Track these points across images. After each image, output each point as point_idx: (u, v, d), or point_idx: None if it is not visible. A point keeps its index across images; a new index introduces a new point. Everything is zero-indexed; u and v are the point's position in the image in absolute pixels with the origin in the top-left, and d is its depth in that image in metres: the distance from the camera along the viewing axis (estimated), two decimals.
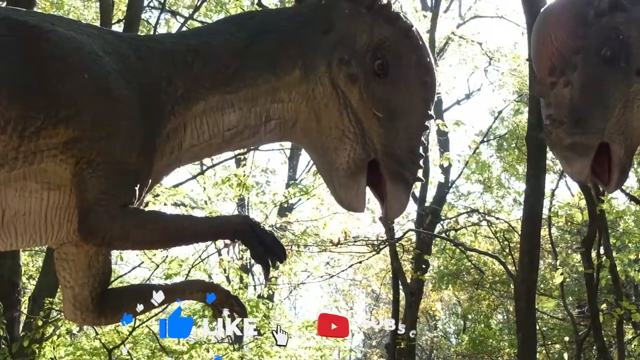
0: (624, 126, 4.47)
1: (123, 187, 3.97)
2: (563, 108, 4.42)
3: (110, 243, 4.03)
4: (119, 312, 4.65)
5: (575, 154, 4.41)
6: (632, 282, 24.56)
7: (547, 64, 4.54)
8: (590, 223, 16.28)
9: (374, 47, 4.46)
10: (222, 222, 4.33)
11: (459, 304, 34.58)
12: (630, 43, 4.51)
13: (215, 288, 4.93)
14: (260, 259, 4.17)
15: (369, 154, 4.40)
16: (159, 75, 4.19)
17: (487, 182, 27.25)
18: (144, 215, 4.18)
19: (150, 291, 4.84)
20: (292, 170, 30.81)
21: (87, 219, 3.92)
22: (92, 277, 4.47)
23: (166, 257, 15.77)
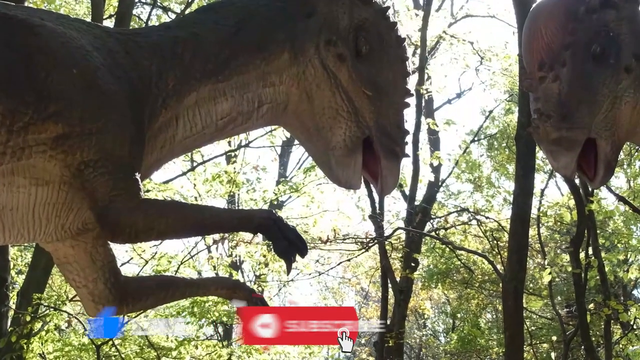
0: (611, 122, 4.51)
1: (129, 179, 3.97)
2: (551, 102, 4.47)
3: (137, 236, 4.05)
4: (140, 300, 4.67)
5: (561, 148, 4.46)
6: (621, 283, 24.58)
7: (537, 59, 4.60)
8: (578, 223, 16.30)
9: (355, 28, 4.58)
10: (246, 215, 4.41)
11: (448, 302, 34.60)
12: (620, 40, 4.55)
13: (240, 286, 4.97)
14: (284, 253, 4.25)
15: (363, 132, 4.50)
16: (149, 69, 4.18)
17: (477, 181, 27.26)
18: (164, 205, 4.23)
19: (174, 282, 4.89)
20: (282, 167, 30.81)
21: (108, 218, 3.93)
22: (100, 270, 4.49)
23: (155, 254, 15.76)
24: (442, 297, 35.43)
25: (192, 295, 5.08)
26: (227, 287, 4.93)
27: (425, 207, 21.94)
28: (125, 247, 16.29)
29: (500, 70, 22.99)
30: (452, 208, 26.00)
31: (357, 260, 31.50)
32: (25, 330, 13.48)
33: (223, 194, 17.93)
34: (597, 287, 19.95)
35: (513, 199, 13.96)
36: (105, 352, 16.62)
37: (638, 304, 18.62)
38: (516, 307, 13.26)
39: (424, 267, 28.60)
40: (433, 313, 38.41)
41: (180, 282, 4.91)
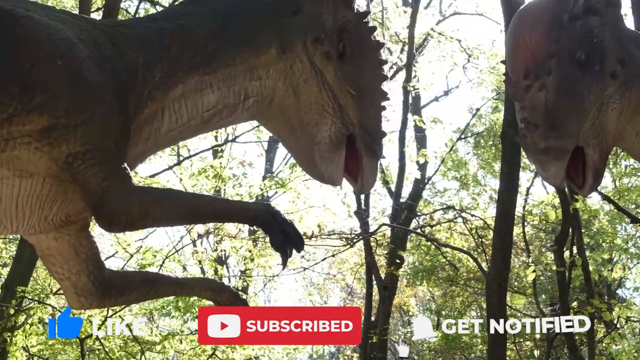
0: (599, 130, 4.46)
1: (119, 169, 3.96)
2: (538, 112, 4.43)
3: (133, 223, 4.02)
4: (123, 294, 4.67)
5: (550, 157, 4.42)
6: (605, 282, 24.66)
7: (522, 67, 4.55)
8: (563, 221, 16.36)
9: (338, 29, 4.59)
10: (243, 206, 4.45)
11: (433, 300, 34.62)
12: (605, 46, 4.52)
13: (225, 289, 4.98)
14: (280, 247, 4.27)
15: (348, 129, 4.52)
16: (135, 61, 4.16)
17: (464, 179, 27.29)
18: (158, 192, 4.24)
19: (159, 279, 4.89)
20: (269, 162, 30.79)
21: (103, 208, 3.92)
22: (84, 262, 4.48)
23: (140, 247, 15.75)
24: (427, 295, 35.48)
25: (175, 294, 5.10)
26: (212, 289, 4.94)
27: (411, 204, 21.99)
28: (111, 240, 16.29)
29: (487, 69, 23.01)
30: (438, 205, 26.08)
31: (342, 256, 31.54)
32: (9, 324, 13.46)
33: (209, 188, 17.91)
34: (582, 286, 20.02)
35: (498, 196, 14.03)
36: (89, 346, 16.61)
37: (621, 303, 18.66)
38: (500, 304, 13.32)
39: (409, 264, 28.65)
40: (418, 310, 38.44)
41: (165, 279, 4.90)
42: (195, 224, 7.41)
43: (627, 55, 4.58)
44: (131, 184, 3.99)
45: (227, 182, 18.50)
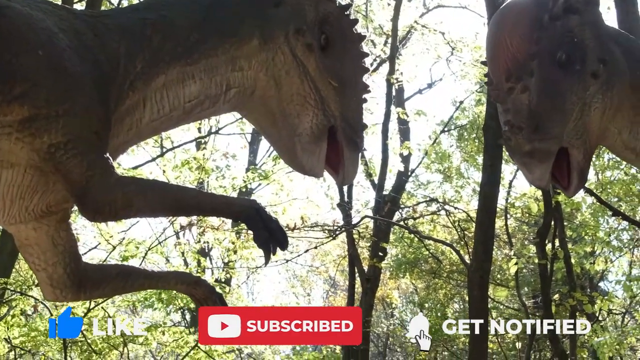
0: (582, 130, 4.49)
1: (102, 159, 3.96)
2: (521, 114, 4.44)
3: (117, 214, 4.02)
4: (98, 287, 4.67)
5: (535, 160, 4.44)
6: (588, 275, 24.74)
7: (504, 70, 4.57)
8: (545, 214, 16.41)
9: (320, 21, 4.62)
10: (228, 201, 4.40)
11: (416, 292, 34.65)
12: (585, 45, 4.54)
13: (201, 283, 4.98)
14: (264, 243, 4.26)
15: (329, 120, 4.54)
16: (117, 51, 4.15)
17: (447, 171, 27.33)
18: (142, 182, 4.22)
19: (134, 273, 4.89)
20: (252, 155, 30.76)
21: (87, 198, 3.92)
22: (61, 254, 4.48)
23: (123, 239, 15.71)
24: (410, 287, 35.53)
25: (151, 287, 5.09)
26: (187, 283, 4.95)
27: (394, 196, 21.99)
28: (93, 232, 16.25)
29: (471, 61, 23.03)
30: (421, 198, 26.08)
31: (325, 248, 31.54)
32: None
33: (192, 180, 17.87)
34: (564, 278, 20.09)
35: (480, 189, 14.05)
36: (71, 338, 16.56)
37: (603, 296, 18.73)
38: (482, 296, 13.35)
39: (392, 257, 28.67)
40: (401, 302, 38.49)
41: (141, 273, 4.90)
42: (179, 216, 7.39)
43: (608, 54, 4.59)
44: (115, 174, 3.98)
45: (210, 174, 18.46)
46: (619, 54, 4.66)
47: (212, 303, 4.99)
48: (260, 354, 27.76)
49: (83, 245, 18.74)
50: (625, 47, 4.78)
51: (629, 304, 25.96)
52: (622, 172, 21.74)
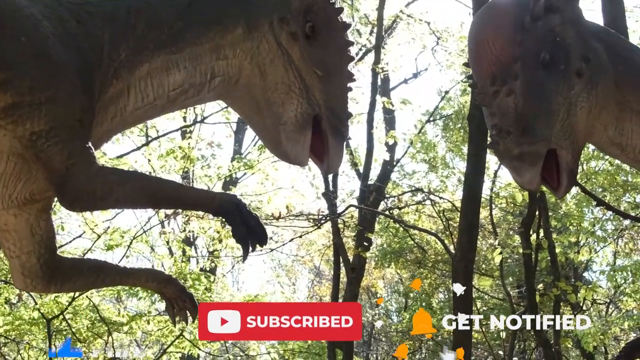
0: (569, 130, 4.49)
1: (84, 148, 3.95)
2: (508, 117, 4.44)
3: (95, 203, 4.02)
4: (69, 280, 4.68)
5: (524, 163, 4.44)
6: (572, 265, 24.80)
7: (488, 73, 4.56)
8: (530, 204, 16.46)
9: (305, 10, 4.62)
10: (209, 195, 4.37)
11: (401, 282, 34.70)
12: (567, 44, 4.54)
13: (172, 282, 4.98)
14: (242, 239, 4.24)
15: (314, 109, 4.56)
16: (101, 38, 4.14)
17: (432, 161, 27.33)
18: (123, 173, 4.22)
19: (106, 268, 4.89)
20: (237, 144, 30.71)
21: (66, 186, 3.91)
22: (37, 244, 4.49)
23: (108, 228, 15.69)
24: (395, 277, 35.57)
25: (122, 283, 5.11)
26: (158, 281, 4.97)
27: (379, 186, 21.98)
28: (78, 221, 16.21)
29: (456, 51, 23.02)
30: (407, 188, 26.06)
31: (310, 238, 31.56)
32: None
33: (177, 169, 17.85)
34: (549, 268, 20.15)
35: (465, 178, 14.04)
36: (55, 327, 16.55)
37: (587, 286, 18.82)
38: (466, 287, 13.36)
39: (377, 247, 28.68)
40: (386, 292, 38.55)
41: (112, 268, 4.91)
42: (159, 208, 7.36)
43: (591, 51, 4.60)
44: (96, 164, 3.97)
45: (195, 163, 18.43)
46: (601, 50, 4.67)
47: (182, 302, 5.02)
48: (245, 343, 27.79)
49: (68, 234, 18.68)
50: (607, 42, 4.79)
51: (613, 294, 26.06)
52: (607, 163, 21.80)
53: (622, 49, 4.88)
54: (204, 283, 18.21)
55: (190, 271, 18.69)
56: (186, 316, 5.11)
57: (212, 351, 22.26)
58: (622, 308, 25.25)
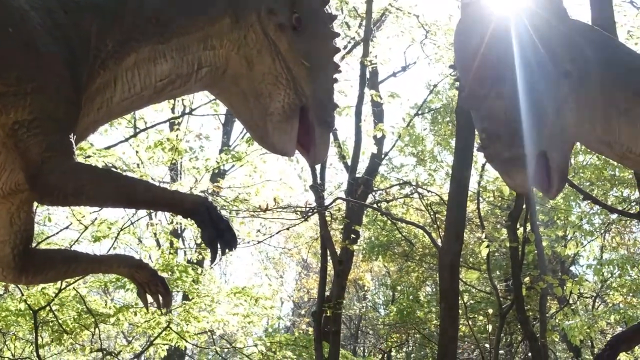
0: (559, 131, 4.49)
1: (64, 142, 3.92)
2: (498, 121, 4.44)
3: (65, 199, 3.96)
4: (41, 272, 4.65)
5: (515, 167, 4.43)
6: (559, 258, 24.90)
7: (476, 76, 4.55)
8: (517, 197, 16.51)
9: (291, 1, 4.63)
10: (180, 197, 4.30)
11: (388, 275, 34.79)
12: (554, 45, 4.55)
13: (143, 266, 4.96)
14: (210, 243, 4.19)
15: (301, 100, 4.56)
16: (88, 30, 4.13)
17: (420, 155, 27.38)
18: (97, 171, 4.16)
19: (78, 258, 4.86)
20: (225, 136, 30.70)
21: (38, 179, 3.88)
22: (14, 234, 4.46)
23: (95, 220, 15.66)
24: (382, 270, 35.64)
25: (94, 271, 5.07)
26: (129, 266, 4.94)
27: (367, 179, 22.00)
28: (65, 212, 16.18)
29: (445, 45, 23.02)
30: (395, 181, 26.10)
31: (298, 231, 31.57)
32: None
33: (165, 161, 17.82)
34: (535, 262, 20.23)
35: (452, 171, 14.09)
36: (42, 318, 16.53)
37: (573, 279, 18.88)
38: (452, 279, 13.42)
39: (365, 239, 28.73)
40: (373, 285, 38.65)
41: (84, 257, 4.87)
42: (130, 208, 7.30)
43: (577, 52, 4.60)
44: (72, 159, 3.94)
45: (183, 155, 18.40)
46: (586, 48, 4.68)
47: (154, 287, 5.00)
48: (232, 335, 27.81)
49: (55, 225, 18.65)
50: (593, 40, 4.80)
51: (600, 288, 26.16)
52: (595, 157, 21.87)
53: (608, 47, 4.89)
54: (192, 275, 18.20)
55: (178, 263, 18.68)
56: (159, 300, 5.07)
57: (199, 343, 22.27)
58: (609, 302, 25.36)
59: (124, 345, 22.40)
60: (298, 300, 41.00)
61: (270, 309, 21.67)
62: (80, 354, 19.71)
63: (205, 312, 18.92)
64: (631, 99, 4.72)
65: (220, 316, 19.01)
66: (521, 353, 29.04)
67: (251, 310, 20.15)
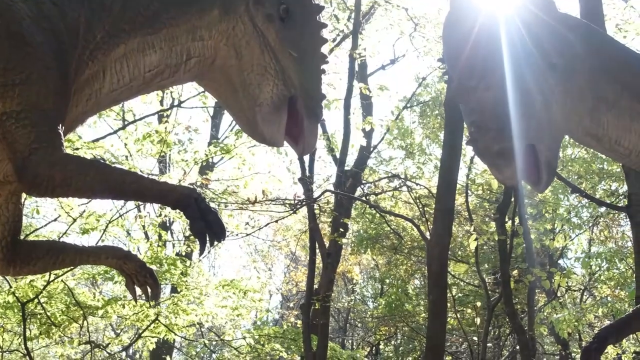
0: (547, 124, 4.47)
1: (52, 133, 3.91)
2: (487, 114, 4.40)
3: (53, 190, 3.95)
4: (29, 264, 4.64)
5: (504, 160, 4.40)
6: (547, 252, 24.96)
7: (466, 69, 4.52)
8: (505, 190, 16.54)
9: None
10: (168, 188, 4.30)
11: (377, 268, 34.83)
12: (542, 38, 4.56)
13: (131, 258, 4.95)
14: (199, 234, 4.21)
15: (289, 90, 4.56)
16: (77, 21, 4.11)
17: (409, 148, 27.39)
18: (85, 162, 4.15)
19: (65, 249, 4.85)
20: (214, 128, 30.69)
21: (27, 170, 3.86)
22: (2, 225, 4.45)
23: (83, 212, 15.64)
24: (371, 263, 35.69)
25: (82, 262, 5.05)
26: (117, 257, 4.92)
27: (356, 171, 22.01)
28: (54, 205, 16.16)
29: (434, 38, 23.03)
30: (383, 174, 26.10)
31: (287, 223, 31.58)
32: None
33: (154, 154, 17.80)
34: (524, 255, 20.29)
35: (440, 163, 14.10)
36: (30, 310, 16.52)
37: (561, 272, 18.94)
38: (440, 272, 13.42)
39: (354, 232, 28.76)
40: (362, 278, 38.69)
41: (72, 249, 4.86)
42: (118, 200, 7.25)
43: (565, 44, 4.60)
44: (60, 150, 3.92)
45: (172, 147, 18.38)
46: (575, 42, 4.68)
47: (142, 278, 4.99)
48: (221, 327, 27.83)
49: (43, 217, 18.65)
50: (581, 34, 4.79)
51: (588, 281, 26.25)
52: (583, 150, 21.92)
53: (596, 41, 4.89)
54: (180, 268, 18.21)
55: (166, 256, 18.68)
56: (147, 292, 5.07)
57: (188, 336, 22.28)
58: (597, 295, 25.45)
59: (113, 338, 22.44)
60: (286, 293, 41.03)
61: (258, 302, 21.68)
62: (69, 347, 19.67)
63: (193, 304, 18.95)
64: (620, 93, 4.73)
65: (208, 309, 19.04)
66: (509, 346, 29.12)
67: (240, 303, 20.18)
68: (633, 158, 4.93)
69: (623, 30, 18.16)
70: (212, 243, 4.26)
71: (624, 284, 22.77)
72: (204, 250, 4.36)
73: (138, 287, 5.04)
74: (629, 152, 4.88)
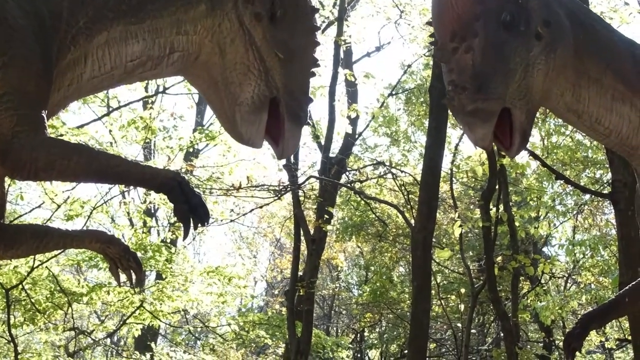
0: (525, 91, 4.49)
1: (35, 116, 3.90)
2: (465, 74, 4.44)
3: (37, 174, 3.95)
4: (12, 247, 4.63)
5: (478, 120, 4.42)
6: (532, 239, 25.01)
7: (448, 30, 4.53)
8: (490, 177, 16.56)
9: None
10: (152, 171, 4.31)
11: (362, 255, 34.86)
12: (529, 7, 4.54)
13: (115, 242, 4.95)
14: (183, 218, 4.22)
15: (271, 91, 4.51)
16: (60, 5, 4.10)
17: (394, 135, 27.37)
18: (69, 145, 4.14)
19: (49, 233, 4.83)
20: (199, 115, 30.65)
21: (9, 153, 3.85)
22: None
23: (68, 198, 15.62)
24: (356, 250, 35.70)
25: (66, 246, 5.05)
26: (101, 241, 4.92)
27: (341, 158, 22.02)
28: (37, 191, 16.14)
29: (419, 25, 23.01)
30: (368, 161, 26.10)
31: (271, 210, 31.57)
32: None
33: (139, 140, 17.79)
34: (508, 242, 20.33)
35: (425, 150, 14.13)
36: (14, 297, 16.49)
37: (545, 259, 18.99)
38: (425, 257, 13.46)
39: (339, 220, 28.76)
40: (347, 265, 38.71)
41: (55, 232, 4.85)
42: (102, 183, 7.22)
43: (552, 16, 4.61)
44: (44, 134, 3.93)
45: (156, 134, 18.38)
46: (563, 16, 4.69)
47: (126, 262, 4.99)
48: (206, 314, 27.84)
49: (27, 203, 18.60)
50: (569, 9, 4.81)
51: (572, 269, 26.33)
52: (568, 138, 21.97)
53: (584, 17, 4.91)
54: (165, 254, 18.21)
55: (151, 242, 18.68)
56: (131, 276, 5.07)
57: (173, 322, 22.28)
58: (580, 282, 25.53)
59: (97, 325, 22.43)
60: (271, 280, 41.07)
61: (243, 289, 21.72)
62: (53, 333, 19.67)
63: (178, 291, 18.95)
64: (603, 70, 4.76)
65: (193, 295, 19.07)
66: (493, 333, 29.22)
67: (225, 289, 20.21)
68: (613, 139, 4.96)
69: (608, 17, 18.20)
70: (196, 227, 4.27)
71: (607, 272, 22.87)
72: (187, 234, 4.36)
73: (122, 271, 5.04)
74: (609, 132, 4.90)
